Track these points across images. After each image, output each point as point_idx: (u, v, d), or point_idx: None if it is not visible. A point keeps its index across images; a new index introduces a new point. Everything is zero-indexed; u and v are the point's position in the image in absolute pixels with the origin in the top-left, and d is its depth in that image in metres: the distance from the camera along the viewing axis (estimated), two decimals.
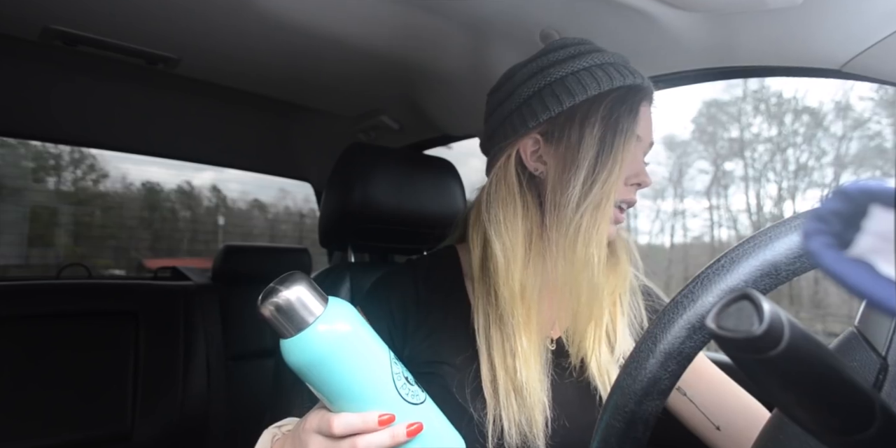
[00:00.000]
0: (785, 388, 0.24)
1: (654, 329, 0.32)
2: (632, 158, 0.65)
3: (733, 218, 5.47)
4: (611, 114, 0.63)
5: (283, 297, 0.41)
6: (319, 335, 0.41)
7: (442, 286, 0.69)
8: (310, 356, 0.41)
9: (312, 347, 0.41)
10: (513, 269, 0.63)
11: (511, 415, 0.60)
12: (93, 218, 3.72)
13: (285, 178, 1.93)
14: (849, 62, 0.66)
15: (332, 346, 0.42)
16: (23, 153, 3.15)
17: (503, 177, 0.67)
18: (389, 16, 0.92)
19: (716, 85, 3.98)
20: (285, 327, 0.41)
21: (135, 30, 1.01)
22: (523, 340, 0.62)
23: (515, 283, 0.62)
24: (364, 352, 0.44)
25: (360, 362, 0.43)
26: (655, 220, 5.86)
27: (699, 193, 5.83)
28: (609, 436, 0.32)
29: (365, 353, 0.44)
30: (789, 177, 4.89)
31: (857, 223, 0.19)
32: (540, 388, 0.61)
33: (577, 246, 0.61)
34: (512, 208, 0.65)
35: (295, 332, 0.41)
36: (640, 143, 0.67)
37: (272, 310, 0.41)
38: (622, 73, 0.66)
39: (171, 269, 1.95)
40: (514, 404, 0.60)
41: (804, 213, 0.31)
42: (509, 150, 0.68)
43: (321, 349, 0.41)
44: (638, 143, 0.66)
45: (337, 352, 0.42)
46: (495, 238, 0.64)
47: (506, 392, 0.61)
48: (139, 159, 1.75)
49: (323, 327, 0.41)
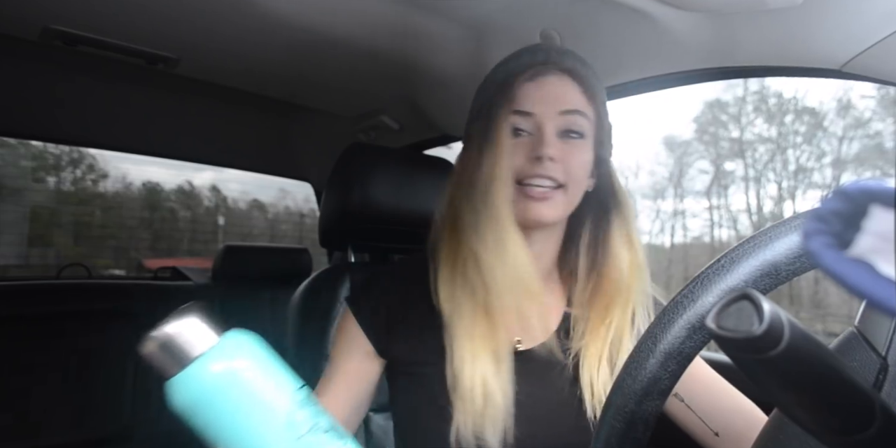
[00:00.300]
0: (785, 388, 0.24)
1: (654, 329, 0.32)
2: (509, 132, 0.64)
3: (733, 218, 5.48)
4: (487, 91, 0.68)
5: (164, 332, 0.35)
6: (205, 372, 0.35)
7: (421, 286, 0.69)
8: (194, 396, 0.35)
9: (197, 386, 0.35)
10: (463, 270, 0.63)
11: (467, 420, 0.59)
12: (93, 218, 3.72)
13: (285, 178, 1.93)
14: (849, 62, 0.66)
15: (219, 385, 0.35)
16: (23, 153, 3.15)
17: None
18: (389, 16, 0.92)
19: (716, 85, 3.99)
20: (168, 364, 0.35)
21: (135, 30, 1.01)
22: (475, 345, 0.61)
23: (466, 286, 0.63)
24: (261, 393, 0.36)
25: (254, 406, 0.36)
26: (655, 220, 5.86)
27: (699, 193, 5.83)
28: (609, 436, 0.32)
29: (262, 395, 0.36)
30: (789, 177, 4.89)
31: (857, 223, 0.19)
32: (500, 396, 0.60)
33: (484, 229, 0.61)
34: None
35: (178, 369, 0.35)
36: (529, 116, 0.64)
37: (153, 346, 0.35)
38: (517, 54, 0.68)
39: (171, 269, 1.95)
40: (471, 410, 0.59)
41: (804, 213, 0.31)
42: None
43: (207, 388, 0.35)
44: (527, 117, 0.64)
45: (226, 391, 0.35)
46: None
47: (462, 397, 0.60)
48: (139, 159, 1.75)
49: (210, 363, 0.35)
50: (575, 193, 0.66)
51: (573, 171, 0.64)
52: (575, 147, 0.65)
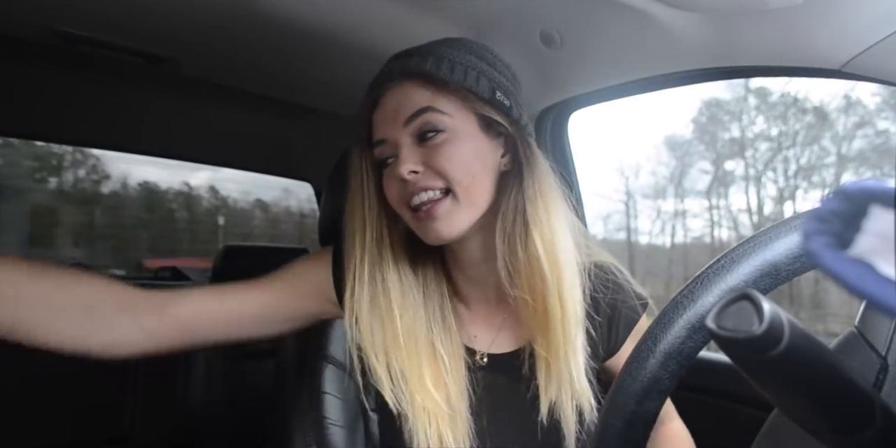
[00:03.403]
0: (785, 387, 0.24)
1: (655, 329, 0.32)
2: (374, 160, 0.64)
3: (734, 218, 5.48)
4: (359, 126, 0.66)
5: None
6: None
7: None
8: None
9: None
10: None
11: (421, 425, 0.61)
12: (93, 218, 3.71)
13: (286, 178, 1.93)
14: (849, 62, 0.65)
15: None
16: (23, 153, 3.15)
17: None
18: (390, 16, 0.92)
19: (716, 84, 3.98)
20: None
21: (135, 30, 1.01)
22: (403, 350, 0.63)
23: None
24: None
25: None
26: (656, 221, 5.86)
27: (700, 193, 5.83)
28: (609, 436, 0.32)
29: None
30: (790, 177, 4.89)
31: (857, 223, 0.19)
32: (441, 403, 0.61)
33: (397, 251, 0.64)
34: None
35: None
36: (385, 143, 0.62)
37: None
38: (380, 72, 0.65)
39: (171, 269, 1.95)
40: (418, 413, 0.61)
41: (804, 213, 0.31)
42: None
43: None
44: (384, 144, 0.62)
45: None
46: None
47: (410, 400, 0.61)
48: (139, 159, 1.75)
49: None
50: (470, 192, 0.59)
51: (446, 168, 0.58)
52: (439, 146, 0.59)
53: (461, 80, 0.59)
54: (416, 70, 0.60)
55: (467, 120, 0.60)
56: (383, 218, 0.65)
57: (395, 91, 0.61)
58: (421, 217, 0.59)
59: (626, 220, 6.27)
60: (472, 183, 0.59)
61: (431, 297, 0.67)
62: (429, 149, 0.59)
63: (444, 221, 0.58)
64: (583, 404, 0.61)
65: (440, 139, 0.59)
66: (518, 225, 0.60)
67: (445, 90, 0.59)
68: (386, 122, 0.61)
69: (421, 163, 0.59)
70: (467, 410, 0.63)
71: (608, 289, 0.67)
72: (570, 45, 0.88)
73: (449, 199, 0.59)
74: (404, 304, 0.64)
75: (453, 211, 0.59)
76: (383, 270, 0.64)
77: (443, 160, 0.58)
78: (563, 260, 0.61)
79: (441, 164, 0.58)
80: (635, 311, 0.68)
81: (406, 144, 0.59)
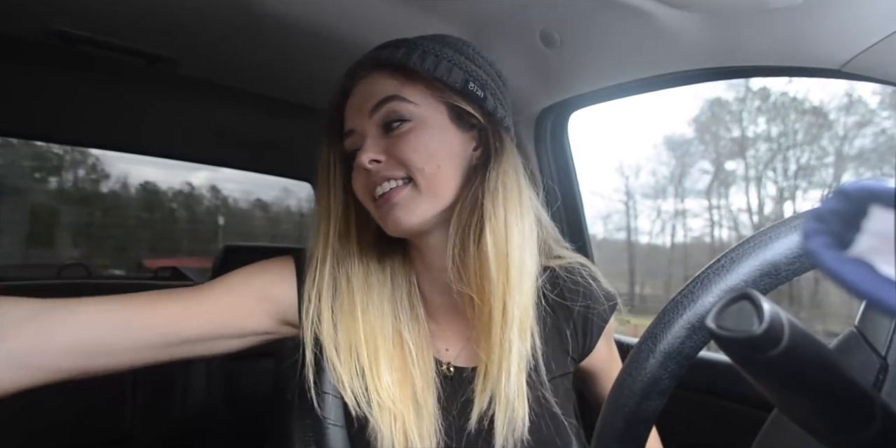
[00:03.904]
0: (785, 387, 0.24)
1: (654, 329, 0.32)
2: (343, 151, 0.64)
3: (734, 218, 5.47)
4: (330, 119, 0.65)
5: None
6: None
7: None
8: None
9: None
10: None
11: (386, 423, 0.59)
12: (93, 218, 3.72)
13: (286, 178, 1.93)
14: (849, 62, 0.65)
15: None
16: (23, 153, 3.15)
17: None
18: (389, 16, 0.92)
19: (717, 84, 3.98)
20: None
21: (135, 30, 1.01)
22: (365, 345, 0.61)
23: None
24: None
25: None
26: (656, 221, 5.86)
27: (700, 193, 5.82)
28: (609, 436, 0.32)
29: None
30: (790, 177, 4.88)
31: (856, 223, 0.19)
32: (406, 398, 0.60)
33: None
34: None
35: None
36: (353, 133, 0.61)
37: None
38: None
39: (171, 269, 1.95)
40: (381, 411, 0.59)
41: (804, 213, 0.31)
42: None
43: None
44: (352, 135, 0.61)
45: None
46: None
47: (372, 398, 0.59)
48: (139, 159, 1.75)
49: None
50: (432, 182, 0.57)
51: (409, 157, 0.56)
52: (404, 135, 0.57)
53: (431, 69, 0.57)
54: (385, 60, 0.59)
55: (436, 110, 0.59)
56: (351, 211, 0.64)
57: (365, 81, 0.60)
58: (380, 204, 0.58)
59: (626, 220, 6.27)
60: (436, 173, 0.57)
61: (399, 289, 0.65)
62: (393, 138, 0.58)
63: (403, 209, 0.57)
64: (515, 418, 0.58)
65: (405, 128, 0.57)
66: (474, 218, 0.58)
67: (413, 79, 0.58)
68: (354, 113, 0.61)
69: (383, 152, 0.57)
70: (435, 405, 0.60)
71: (578, 293, 0.65)
72: (570, 45, 0.88)
73: (409, 188, 0.57)
74: (369, 298, 0.62)
75: (413, 199, 0.57)
76: (347, 265, 0.62)
77: (406, 149, 0.56)
78: (514, 260, 0.57)
79: (403, 153, 0.56)
80: (605, 312, 0.67)
81: (371, 134, 0.59)
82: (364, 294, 0.62)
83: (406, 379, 0.61)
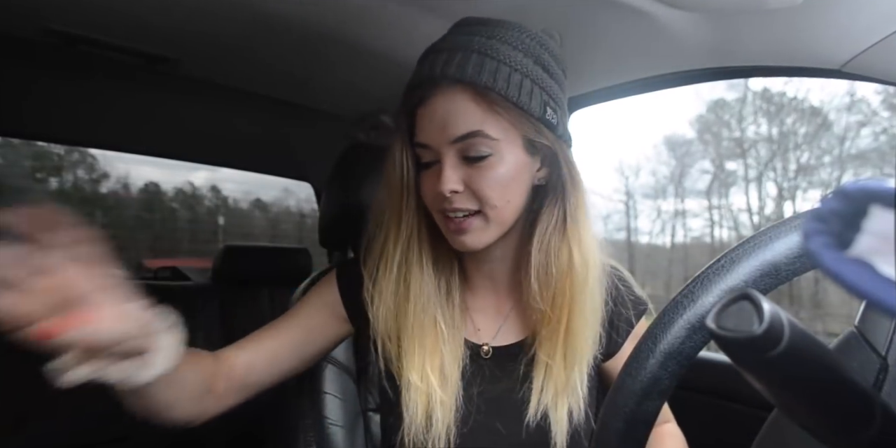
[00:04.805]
0: (785, 388, 0.24)
1: (655, 329, 0.32)
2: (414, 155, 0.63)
3: (734, 218, 5.47)
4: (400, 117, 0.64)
5: None
6: None
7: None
8: None
9: None
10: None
11: (412, 402, 0.62)
12: (93, 218, 3.72)
13: (286, 178, 1.93)
14: (849, 62, 0.66)
15: None
16: (23, 153, 3.15)
17: None
18: (389, 15, 0.92)
19: (718, 84, 3.98)
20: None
21: (135, 30, 1.01)
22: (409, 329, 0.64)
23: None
24: None
25: None
26: (656, 221, 5.86)
27: (700, 193, 5.82)
28: (609, 436, 0.32)
29: None
30: (790, 177, 4.88)
31: (857, 223, 0.19)
32: (434, 381, 0.62)
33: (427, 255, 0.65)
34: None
35: None
36: (428, 148, 0.60)
37: None
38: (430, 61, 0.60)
39: (171, 269, 1.95)
40: (409, 400, 0.62)
41: (804, 213, 0.31)
42: None
43: None
44: (426, 149, 0.60)
45: None
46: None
47: (406, 386, 0.63)
48: (140, 159, 1.75)
49: None
50: (500, 213, 0.60)
51: (485, 194, 0.59)
52: (482, 169, 0.59)
53: (515, 95, 0.57)
54: (470, 80, 0.57)
55: (514, 143, 0.60)
56: (421, 216, 0.66)
57: (446, 98, 0.58)
58: (451, 228, 0.61)
59: (626, 220, 6.27)
60: (505, 207, 0.61)
61: (444, 282, 0.69)
62: (472, 169, 0.59)
63: (472, 236, 0.61)
64: (576, 412, 0.64)
65: (485, 163, 0.59)
66: (555, 239, 0.63)
67: (496, 109, 0.57)
68: (432, 130, 0.59)
69: (462, 182, 0.59)
70: (459, 393, 0.64)
71: (610, 293, 0.71)
72: (571, 45, 0.88)
73: (479, 218, 0.60)
74: (421, 291, 0.65)
75: (482, 229, 0.61)
76: (409, 263, 0.66)
77: (483, 185, 0.59)
78: (592, 275, 0.64)
79: (481, 189, 0.59)
80: (635, 315, 0.72)
81: (450, 162, 0.59)
82: (418, 286, 0.66)
83: (435, 361, 0.64)
